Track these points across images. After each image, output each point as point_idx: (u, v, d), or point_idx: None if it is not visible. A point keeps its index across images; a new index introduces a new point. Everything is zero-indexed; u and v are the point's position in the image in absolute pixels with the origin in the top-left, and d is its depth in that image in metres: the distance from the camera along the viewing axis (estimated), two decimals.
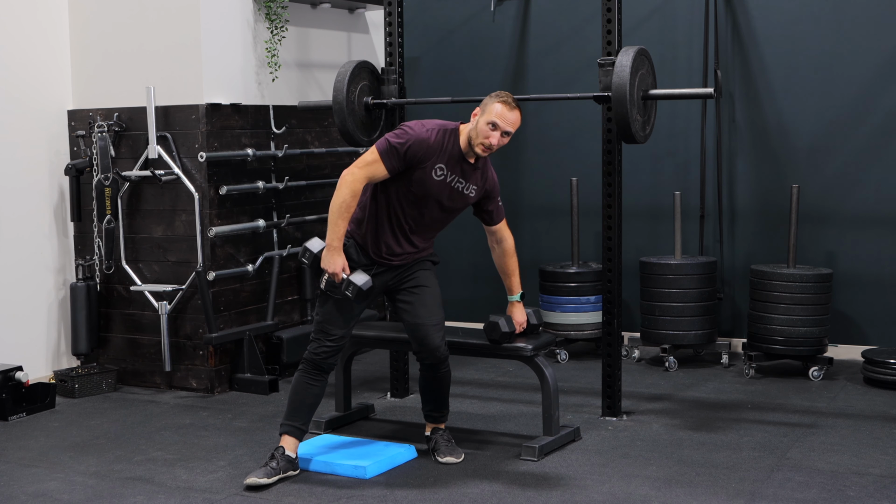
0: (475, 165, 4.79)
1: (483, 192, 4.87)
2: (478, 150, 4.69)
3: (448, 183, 4.73)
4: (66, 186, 6.48)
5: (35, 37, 6.37)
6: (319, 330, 4.77)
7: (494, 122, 4.64)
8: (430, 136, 4.69)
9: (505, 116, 4.65)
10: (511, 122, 4.67)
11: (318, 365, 4.76)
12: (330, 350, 4.75)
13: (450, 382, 5.07)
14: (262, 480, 4.59)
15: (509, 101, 4.68)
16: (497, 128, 4.65)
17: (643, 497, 4.41)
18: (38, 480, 4.78)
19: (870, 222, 6.71)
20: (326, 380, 4.80)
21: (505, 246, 5.11)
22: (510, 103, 4.68)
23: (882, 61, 6.62)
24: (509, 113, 4.66)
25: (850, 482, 4.54)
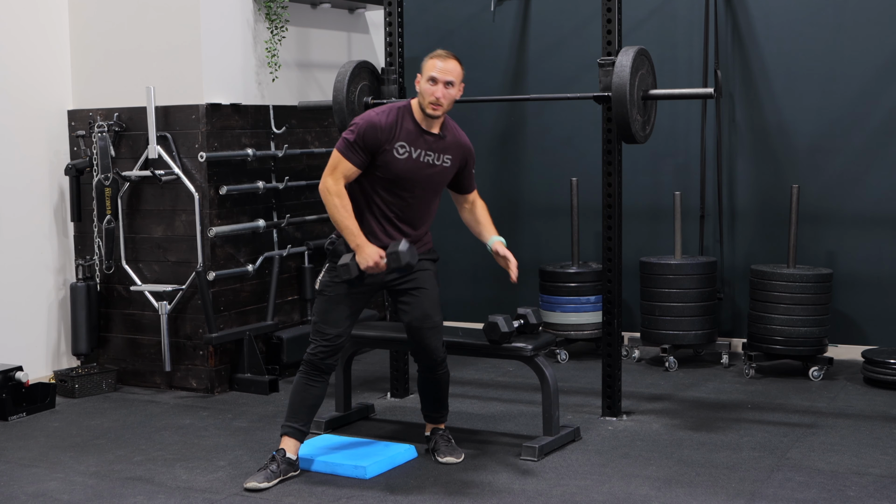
0: (440, 135, 4.74)
1: (462, 162, 4.84)
2: (428, 110, 4.65)
3: (415, 159, 4.68)
4: (66, 186, 6.48)
5: (35, 37, 6.38)
6: (316, 331, 4.76)
7: (432, 77, 4.62)
8: (380, 119, 4.68)
9: (439, 67, 4.63)
10: (448, 70, 4.64)
11: (316, 366, 4.73)
12: (326, 350, 4.72)
13: (448, 383, 5.07)
14: (263, 485, 4.59)
15: (442, 54, 4.68)
16: (437, 81, 4.62)
17: (643, 497, 4.41)
18: (38, 480, 4.78)
19: (870, 222, 6.71)
20: (327, 381, 4.78)
21: (477, 205, 5.11)
22: (443, 55, 4.68)
23: (882, 61, 6.62)
24: (444, 63, 4.64)
25: (850, 482, 4.54)
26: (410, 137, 4.67)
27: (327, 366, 4.75)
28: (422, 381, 5.05)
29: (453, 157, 4.78)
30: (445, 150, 4.75)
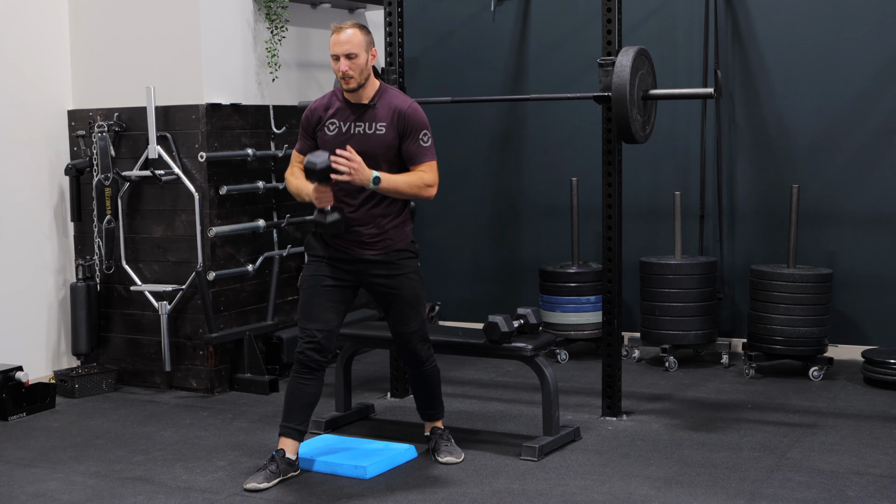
0: (370, 104, 4.65)
1: (400, 127, 4.64)
2: (343, 85, 4.64)
3: (345, 132, 4.65)
4: (66, 186, 6.49)
5: (35, 37, 6.38)
6: (299, 328, 4.74)
7: (334, 54, 4.59)
8: (316, 104, 4.78)
9: (336, 42, 4.57)
10: (343, 42, 4.55)
11: (303, 363, 4.68)
12: (310, 346, 4.67)
13: (438, 380, 5.05)
14: (262, 485, 4.59)
15: (337, 27, 4.61)
16: (338, 57, 4.57)
17: (643, 497, 4.42)
18: (38, 480, 4.79)
19: (870, 222, 6.71)
20: (320, 378, 4.73)
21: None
22: (337, 27, 4.61)
23: (882, 61, 6.63)
24: (339, 36, 4.57)
25: (850, 482, 4.55)
26: (342, 114, 4.68)
27: (316, 362, 4.68)
28: (412, 379, 5.06)
29: (387, 124, 4.63)
30: (378, 118, 4.64)
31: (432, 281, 8.02)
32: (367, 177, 4.51)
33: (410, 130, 4.65)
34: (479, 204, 7.90)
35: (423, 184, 4.63)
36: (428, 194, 4.69)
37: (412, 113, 4.65)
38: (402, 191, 4.61)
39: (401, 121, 4.64)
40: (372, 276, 4.77)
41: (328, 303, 4.72)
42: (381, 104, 4.67)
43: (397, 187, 4.59)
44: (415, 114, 4.66)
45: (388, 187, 4.57)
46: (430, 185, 4.67)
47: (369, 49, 4.61)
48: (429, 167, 4.67)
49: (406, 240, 4.81)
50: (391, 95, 4.70)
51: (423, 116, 4.68)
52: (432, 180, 4.67)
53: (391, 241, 4.74)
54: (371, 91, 4.68)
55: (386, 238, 4.73)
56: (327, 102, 4.74)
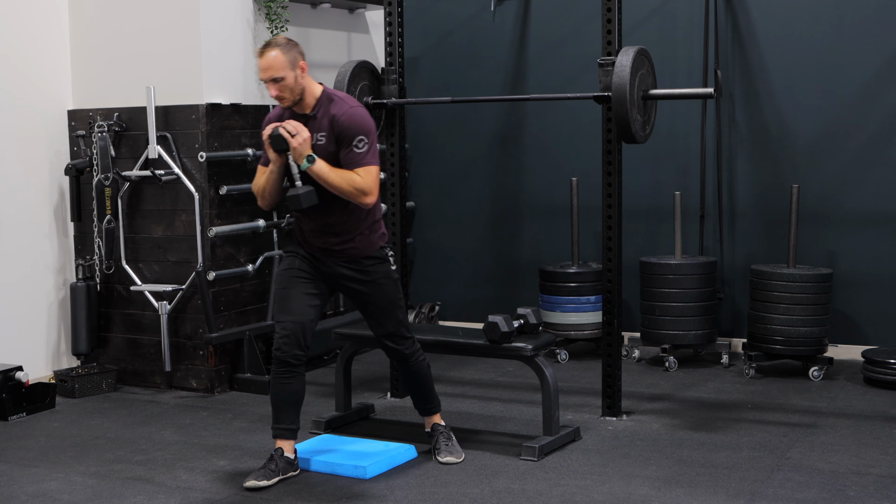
0: (312, 115, 4.60)
1: (337, 135, 4.56)
2: (280, 104, 4.63)
3: None
4: (66, 186, 6.50)
5: (35, 37, 6.39)
6: (275, 322, 4.73)
7: (261, 80, 4.56)
8: (271, 113, 4.77)
9: (261, 68, 4.53)
10: (265, 68, 4.50)
11: (280, 360, 4.65)
12: (285, 339, 4.63)
13: (428, 373, 5.03)
14: (262, 483, 4.60)
15: (260, 49, 4.55)
16: (266, 82, 4.54)
17: (643, 497, 4.42)
18: (39, 480, 4.80)
19: (870, 222, 6.72)
20: (301, 374, 4.69)
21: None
22: (260, 51, 4.54)
23: (882, 61, 6.63)
24: (262, 61, 4.52)
25: (850, 482, 4.55)
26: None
27: (294, 356, 4.64)
28: (402, 374, 5.08)
29: (326, 134, 4.57)
30: (319, 129, 4.59)
31: (432, 281, 8.07)
32: (304, 154, 4.48)
33: (344, 137, 4.56)
34: (479, 204, 7.91)
35: (355, 186, 4.51)
36: (362, 201, 4.55)
37: (345, 119, 4.55)
38: (332, 182, 4.50)
39: (335, 128, 4.57)
40: (343, 282, 4.79)
41: (302, 295, 4.71)
42: (322, 113, 4.61)
43: (328, 178, 4.50)
44: (349, 120, 4.56)
45: (319, 173, 4.49)
46: (364, 191, 4.53)
47: (295, 66, 4.53)
48: (365, 172, 4.54)
49: (374, 247, 4.76)
50: (333, 103, 4.62)
51: (360, 122, 4.57)
52: (365, 185, 4.52)
53: (357, 250, 4.72)
54: (311, 101, 4.62)
55: (352, 247, 4.71)
56: (280, 112, 4.72)
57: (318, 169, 4.50)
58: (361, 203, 4.57)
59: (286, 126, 4.51)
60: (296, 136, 4.49)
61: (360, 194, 4.53)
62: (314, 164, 4.50)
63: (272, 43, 4.56)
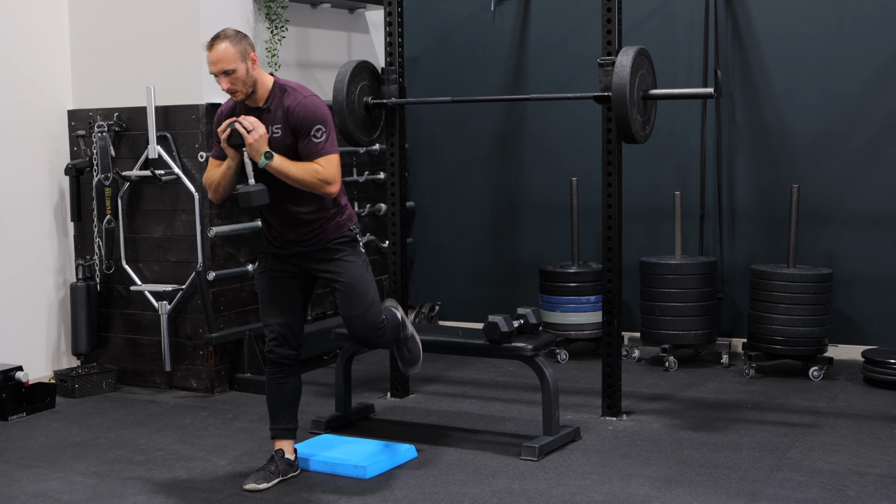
0: (266, 107, 4.51)
1: (293, 126, 4.49)
2: (233, 98, 4.55)
3: None
4: (66, 186, 6.51)
5: (36, 38, 6.40)
6: (263, 326, 4.72)
7: (212, 73, 4.46)
8: (223, 107, 4.70)
9: (211, 61, 4.44)
10: (216, 61, 4.41)
11: (272, 361, 4.66)
12: (274, 342, 4.64)
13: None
14: (261, 485, 4.61)
15: (208, 42, 4.46)
16: (217, 76, 4.45)
17: (643, 497, 4.43)
18: (39, 480, 4.81)
19: (870, 222, 6.72)
20: (296, 373, 4.70)
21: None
22: (209, 43, 4.46)
23: (882, 61, 6.64)
24: (211, 54, 4.43)
25: (849, 482, 4.56)
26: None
27: (287, 357, 4.64)
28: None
29: (282, 126, 4.49)
30: (273, 121, 4.51)
31: (432, 281, 8.08)
32: (261, 150, 4.40)
33: (301, 128, 4.48)
34: (479, 204, 7.92)
35: (317, 177, 4.45)
36: (325, 191, 4.49)
37: (300, 110, 4.47)
38: (293, 177, 4.43)
39: (290, 120, 4.50)
40: (312, 266, 4.69)
41: (284, 294, 4.69)
42: (275, 105, 4.53)
43: (289, 172, 4.42)
44: (304, 111, 4.48)
45: (278, 168, 4.41)
46: (327, 181, 4.47)
47: (246, 57, 4.45)
48: (326, 161, 4.48)
49: (343, 229, 4.68)
50: (286, 94, 4.54)
51: (315, 111, 4.49)
52: (328, 175, 4.47)
53: (327, 235, 4.64)
54: (263, 93, 4.54)
55: (322, 234, 4.63)
56: (233, 105, 4.64)
57: (276, 165, 4.42)
58: (324, 193, 4.50)
59: (242, 121, 4.42)
60: (252, 132, 4.40)
61: (324, 184, 4.47)
62: (272, 160, 4.41)
63: (221, 35, 4.45)
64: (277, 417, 4.74)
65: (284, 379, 4.69)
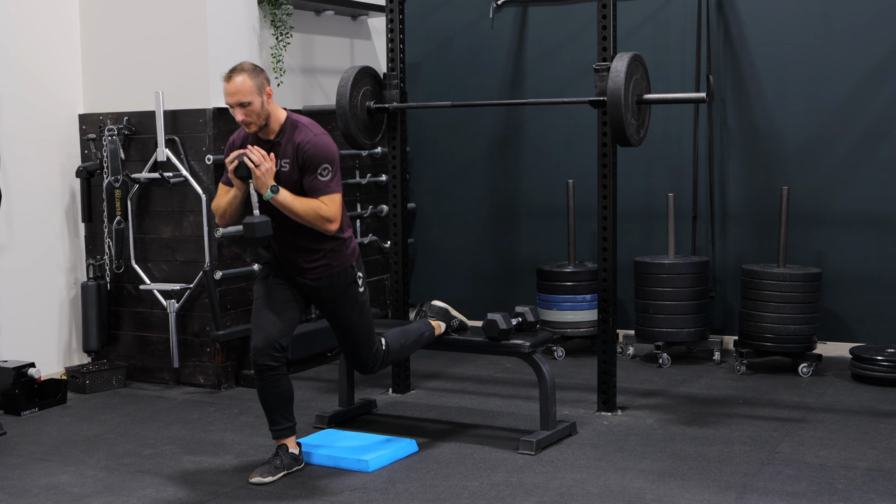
0: (276, 140, 4.57)
1: (301, 162, 4.54)
2: (246, 129, 4.58)
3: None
4: (77, 188, 6.52)
5: (47, 44, 6.41)
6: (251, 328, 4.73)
7: (228, 104, 4.53)
8: (233, 137, 4.75)
9: (228, 93, 4.50)
10: (233, 92, 4.47)
11: (259, 367, 4.60)
12: (257, 350, 4.59)
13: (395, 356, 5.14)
14: (267, 479, 4.63)
15: (226, 75, 4.52)
16: (233, 107, 4.51)
17: (637, 490, 4.44)
18: (50, 473, 4.82)
19: (858, 223, 6.74)
20: (284, 374, 4.63)
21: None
22: (226, 76, 4.51)
23: (870, 66, 6.66)
24: (229, 86, 4.48)
25: (838, 475, 4.58)
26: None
27: (273, 358, 4.58)
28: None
29: (291, 161, 4.55)
30: (283, 155, 4.56)
31: (433, 280, 8.05)
32: (267, 184, 4.45)
33: (308, 165, 4.53)
34: (478, 205, 7.92)
35: (319, 214, 4.51)
36: (325, 228, 4.55)
37: (310, 148, 4.53)
38: (296, 212, 4.50)
39: (299, 156, 4.54)
40: (314, 296, 4.79)
41: (277, 303, 4.68)
42: (286, 140, 4.58)
43: (292, 207, 4.48)
44: (313, 148, 4.53)
45: (283, 203, 4.47)
46: (328, 219, 4.53)
47: (262, 91, 4.51)
48: (329, 200, 4.54)
49: (345, 264, 4.74)
50: (297, 130, 4.59)
51: (324, 150, 4.55)
52: (329, 213, 4.53)
53: (328, 267, 4.72)
54: (275, 126, 4.60)
55: (323, 265, 4.70)
56: (244, 135, 4.67)
57: (281, 199, 4.48)
58: (324, 230, 4.56)
59: (251, 154, 4.46)
60: (260, 165, 4.44)
61: (325, 222, 4.54)
62: (277, 193, 4.47)
63: (239, 68, 4.51)
64: (275, 419, 4.71)
65: (274, 382, 4.62)
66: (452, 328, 5.36)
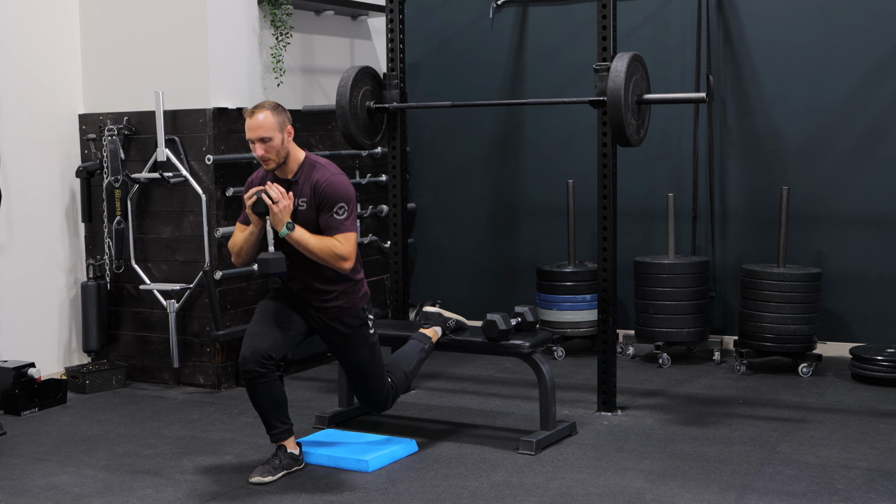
0: (294, 180, 4.68)
1: (318, 201, 4.64)
2: (263, 166, 4.68)
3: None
4: (77, 188, 6.52)
5: (47, 44, 6.42)
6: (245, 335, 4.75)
7: (249, 139, 4.62)
8: (253, 175, 4.84)
9: (250, 128, 4.59)
10: (255, 128, 4.57)
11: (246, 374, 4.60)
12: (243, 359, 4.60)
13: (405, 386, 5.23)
14: (266, 479, 4.63)
15: (249, 111, 4.62)
16: (253, 141, 4.60)
17: (637, 490, 4.44)
18: (50, 473, 4.82)
19: (857, 223, 6.75)
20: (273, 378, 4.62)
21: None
22: (249, 111, 4.61)
23: (869, 66, 6.67)
24: (251, 121, 4.59)
25: (838, 475, 4.58)
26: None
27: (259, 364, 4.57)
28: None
29: (308, 199, 4.65)
30: (300, 194, 4.65)
31: (432, 280, 8.06)
32: (283, 221, 4.53)
33: (325, 204, 4.62)
34: (478, 205, 7.93)
35: (334, 252, 4.58)
36: (340, 266, 4.61)
37: (327, 187, 4.61)
38: (311, 249, 4.57)
39: (317, 195, 4.63)
40: (323, 332, 4.86)
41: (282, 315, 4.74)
42: (303, 179, 4.67)
43: (307, 244, 4.56)
44: (330, 187, 4.61)
45: (298, 240, 4.55)
46: (343, 257, 4.59)
47: (283, 129, 4.61)
48: (344, 238, 4.61)
49: (356, 307, 4.82)
50: (315, 170, 4.68)
51: (340, 189, 4.63)
52: (345, 252, 4.59)
53: (339, 308, 4.79)
54: (294, 166, 4.68)
55: (335, 305, 4.78)
56: (264, 174, 4.78)
57: (297, 236, 4.56)
58: (339, 268, 4.63)
59: (270, 191, 4.53)
60: (277, 202, 4.52)
61: (339, 260, 4.60)
62: (293, 231, 4.54)
63: (261, 105, 4.61)
64: (270, 423, 4.71)
65: (264, 388, 4.61)
66: (450, 329, 5.37)
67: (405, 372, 5.16)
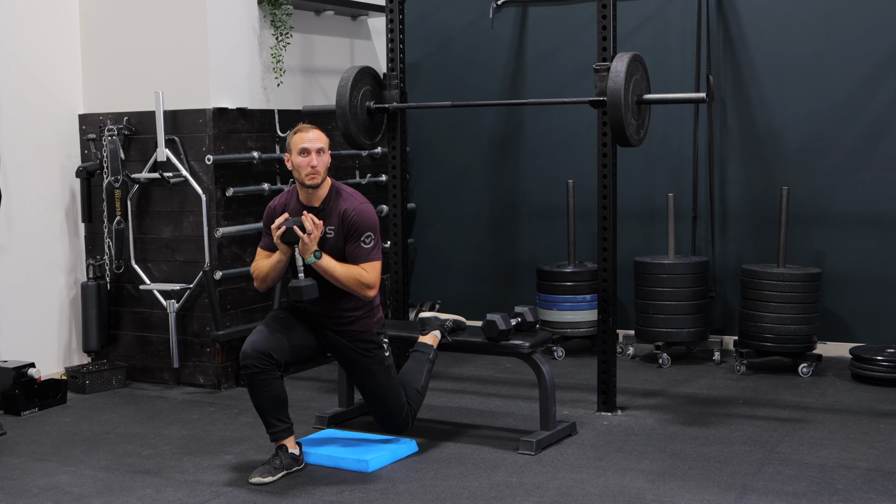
0: (321, 207, 4.77)
1: (346, 230, 4.75)
2: (307, 181, 4.72)
3: None
4: (77, 188, 6.53)
5: (47, 44, 6.43)
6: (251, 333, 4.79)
7: (303, 148, 4.70)
8: (275, 202, 4.89)
9: (306, 138, 4.71)
10: (314, 139, 4.72)
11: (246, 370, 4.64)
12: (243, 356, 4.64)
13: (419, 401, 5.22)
14: (266, 479, 4.64)
15: (303, 126, 4.77)
16: (308, 152, 4.69)
17: (637, 490, 4.45)
18: (50, 474, 4.83)
19: (857, 223, 6.76)
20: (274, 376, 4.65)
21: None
22: (304, 126, 4.76)
23: (869, 66, 6.68)
24: (308, 134, 4.73)
25: (838, 475, 4.59)
26: (295, 214, 4.74)
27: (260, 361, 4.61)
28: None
29: (336, 227, 4.75)
30: (328, 222, 4.75)
31: (432, 280, 8.07)
32: (311, 249, 4.62)
33: (353, 233, 4.73)
34: (478, 205, 7.94)
35: (360, 280, 4.69)
36: (364, 294, 4.73)
37: (356, 216, 4.73)
38: (337, 277, 4.67)
39: (345, 224, 4.74)
40: (338, 352, 4.93)
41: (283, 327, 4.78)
42: (330, 207, 4.77)
43: (334, 272, 4.66)
44: (359, 217, 4.73)
45: (325, 267, 4.65)
46: (368, 286, 4.71)
47: (328, 149, 4.79)
48: (370, 268, 4.73)
49: (371, 332, 4.92)
50: (341, 198, 4.80)
51: (368, 219, 4.75)
52: (370, 280, 4.71)
53: (355, 332, 4.89)
54: (323, 193, 4.79)
55: (351, 329, 4.87)
56: (286, 201, 4.86)
57: (324, 264, 4.66)
58: (363, 296, 4.75)
59: (304, 222, 4.60)
60: (309, 233, 4.60)
61: (364, 288, 4.72)
62: (320, 259, 4.64)
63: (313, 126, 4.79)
64: (270, 422, 4.72)
65: (264, 387, 4.65)
66: (449, 329, 5.37)
67: (417, 389, 5.18)
